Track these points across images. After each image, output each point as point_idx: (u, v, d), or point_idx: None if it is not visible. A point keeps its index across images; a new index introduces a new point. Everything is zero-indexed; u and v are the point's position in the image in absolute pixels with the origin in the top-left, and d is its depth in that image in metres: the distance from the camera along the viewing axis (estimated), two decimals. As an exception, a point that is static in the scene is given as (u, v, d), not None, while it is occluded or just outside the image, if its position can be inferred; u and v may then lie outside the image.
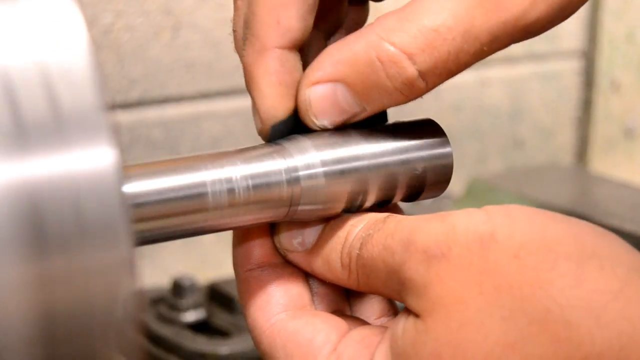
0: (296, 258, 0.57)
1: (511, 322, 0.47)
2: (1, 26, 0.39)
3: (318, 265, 0.56)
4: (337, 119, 0.54)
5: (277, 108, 0.54)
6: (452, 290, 0.48)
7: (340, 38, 0.56)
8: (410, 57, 0.52)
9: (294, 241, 0.56)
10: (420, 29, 0.52)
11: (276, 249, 0.57)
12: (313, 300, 0.58)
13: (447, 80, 0.54)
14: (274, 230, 0.57)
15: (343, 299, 0.59)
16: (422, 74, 0.52)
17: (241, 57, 0.55)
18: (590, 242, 0.48)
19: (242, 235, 0.57)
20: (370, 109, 0.54)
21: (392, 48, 0.52)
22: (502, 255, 0.48)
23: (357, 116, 0.54)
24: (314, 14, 0.54)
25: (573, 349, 0.46)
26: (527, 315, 0.46)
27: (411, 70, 0.52)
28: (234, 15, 0.56)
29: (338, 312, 0.58)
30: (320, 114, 0.54)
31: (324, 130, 0.55)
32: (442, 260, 0.49)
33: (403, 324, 0.50)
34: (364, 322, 0.57)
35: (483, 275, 0.48)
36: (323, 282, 0.57)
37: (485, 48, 0.53)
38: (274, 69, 0.54)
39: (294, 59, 0.54)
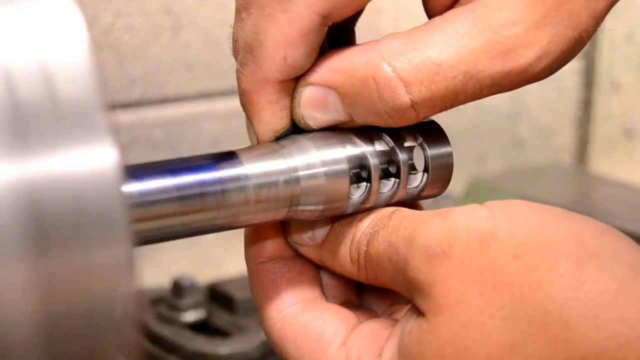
0: (307, 252, 0.57)
1: (511, 322, 0.47)
2: (2, 26, 0.39)
3: (328, 259, 0.56)
4: (322, 120, 0.55)
5: (276, 128, 0.55)
6: (454, 290, 0.48)
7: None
8: (407, 85, 0.52)
9: (304, 235, 0.57)
10: (422, 60, 0.52)
11: (287, 243, 0.58)
12: (324, 292, 0.58)
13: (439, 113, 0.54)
14: (285, 224, 0.58)
15: (353, 289, 0.59)
16: (414, 104, 0.52)
17: (239, 76, 0.54)
18: (589, 241, 0.48)
19: (254, 229, 0.58)
20: (358, 122, 0.54)
21: (390, 72, 0.52)
22: (503, 254, 0.48)
23: (344, 124, 0.55)
24: (319, 49, 0.54)
25: (571, 350, 0.46)
26: (527, 316, 0.47)
27: (404, 98, 0.52)
28: (236, 25, 0.56)
29: (348, 302, 0.59)
30: (307, 112, 0.54)
31: (324, 130, 0.55)
32: (443, 260, 0.49)
33: (411, 322, 0.51)
34: (373, 314, 0.58)
35: (484, 275, 0.48)
36: (334, 273, 0.58)
37: (484, 92, 0.53)
38: (276, 99, 0.54)
39: (294, 83, 0.55)
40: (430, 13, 0.55)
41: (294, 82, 0.54)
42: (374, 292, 0.59)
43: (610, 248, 0.48)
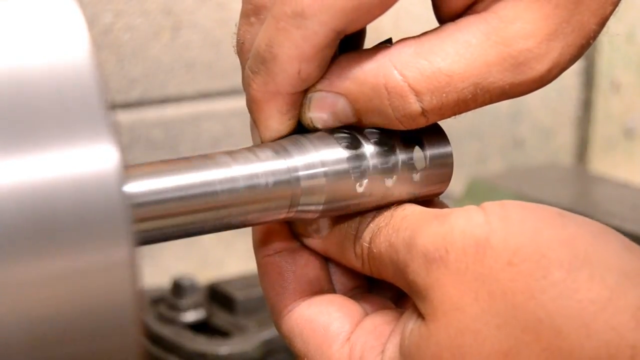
0: (312, 244, 0.58)
1: (505, 329, 0.48)
2: (1, 26, 0.39)
3: (333, 252, 0.57)
4: (330, 123, 0.55)
5: (282, 135, 0.55)
6: (450, 296, 0.49)
7: None
8: (418, 94, 0.52)
9: (309, 228, 0.57)
10: (434, 71, 0.52)
11: (293, 234, 0.58)
12: (331, 281, 0.59)
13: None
14: None
15: (362, 275, 0.59)
16: (425, 112, 0.53)
17: (250, 82, 0.54)
18: (582, 247, 0.48)
19: None
20: (366, 124, 0.55)
21: (401, 81, 0.52)
22: (497, 261, 0.48)
23: (351, 125, 0.55)
24: (330, 60, 0.54)
25: (564, 358, 0.47)
26: (520, 324, 0.47)
27: (415, 106, 0.52)
28: (244, 27, 0.55)
29: (357, 288, 0.59)
30: (316, 115, 0.55)
31: (325, 130, 0.55)
32: (440, 265, 0.49)
33: (411, 323, 0.51)
34: (380, 302, 0.58)
35: (478, 281, 0.48)
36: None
37: (494, 100, 0.54)
38: (286, 110, 0.54)
39: (304, 93, 0.55)
40: (442, 18, 0.55)
41: (304, 92, 0.55)
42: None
43: (603, 254, 0.48)
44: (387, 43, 0.54)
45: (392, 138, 0.56)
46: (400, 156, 0.56)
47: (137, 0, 1.11)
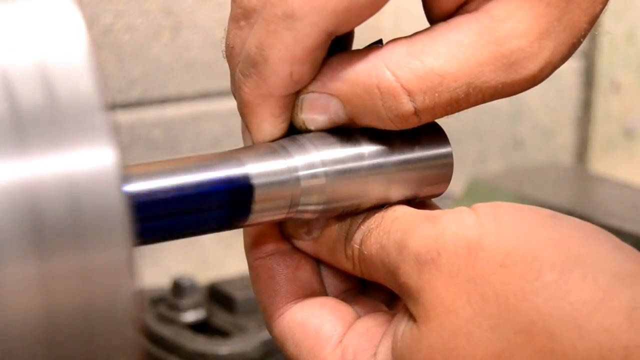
0: (303, 246, 0.58)
1: (498, 332, 0.48)
2: (1, 26, 0.39)
3: (324, 254, 0.57)
4: (323, 124, 0.55)
5: (275, 138, 0.55)
6: (442, 298, 0.49)
7: None
8: (410, 94, 0.52)
9: (300, 230, 0.57)
10: (426, 71, 0.52)
11: (284, 236, 0.58)
12: (323, 283, 0.59)
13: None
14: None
15: (354, 277, 0.59)
16: (417, 112, 0.52)
17: (241, 86, 0.54)
18: (574, 248, 0.48)
19: None
20: (359, 125, 0.55)
21: (394, 81, 0.52)
22: (489, 263, 0.48)
23: (344, 126, 0.55)
24: (321, 61, 0.54)
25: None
26: (513, 326, 0.47)
27: (408, 106, 0.52)
28: (233, 32, 0.55)
29: (350, 290, 0.59)
30: (308, 117, 0.55)
31: (324, 130, 0.55)
32: (432, 267, 0.49)
33: (403, 325, 0.51)
34: (373, 304, 0.58)
35: (471, 283, 0.48)
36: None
37: (486, 99, 0.54)
38: (279, 112, 0.54)
39: (296, 94, 0.55)
40: (432, 18, 0.55)
41: (296, 94, 0.54)
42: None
43: (595, 255, 0.48)
44: (378, 44, 0.54)
45: (391, 138, 0.56)
46: (400, 156, 0.56)
47: (137, 0, 1.11)
